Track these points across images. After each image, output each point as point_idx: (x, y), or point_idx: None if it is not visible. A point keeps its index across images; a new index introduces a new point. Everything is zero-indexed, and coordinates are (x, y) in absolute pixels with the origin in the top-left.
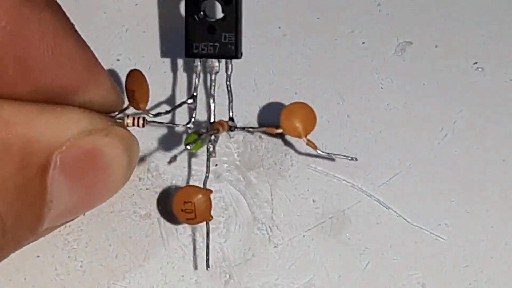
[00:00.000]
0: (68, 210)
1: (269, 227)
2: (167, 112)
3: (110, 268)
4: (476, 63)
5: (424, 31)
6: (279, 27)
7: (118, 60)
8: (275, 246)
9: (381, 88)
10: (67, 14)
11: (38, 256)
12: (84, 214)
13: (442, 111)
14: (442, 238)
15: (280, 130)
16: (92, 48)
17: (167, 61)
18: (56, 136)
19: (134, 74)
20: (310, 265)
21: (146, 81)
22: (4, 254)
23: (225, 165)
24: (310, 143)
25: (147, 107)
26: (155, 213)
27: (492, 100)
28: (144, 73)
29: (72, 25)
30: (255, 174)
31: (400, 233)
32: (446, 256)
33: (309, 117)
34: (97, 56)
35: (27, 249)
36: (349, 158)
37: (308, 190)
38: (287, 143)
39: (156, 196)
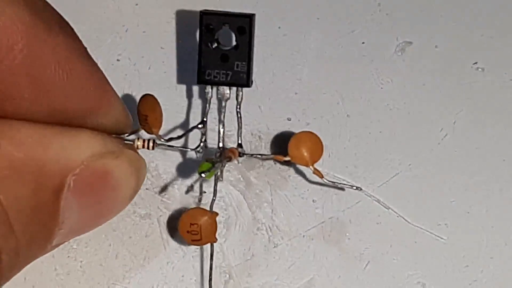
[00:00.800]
0: (76, 229)
1: (269, 227)
2: (178, 138)
3: (110, 268)
4: (476, 63)
5: (424, 31)
6: (279, 27)
7: (118, 60)
8: (275, 246)
9: (381, 88)
10: (67, 14)
11: None
12: None
13: (442, 111)
14: (442, 238)
15: (288, 158)
16: (92, 48)
17: (180, 87)
18: (71, 159)
19: (147, 99)
20: (310, 265)
21: (159, 106)
22: (15, 272)
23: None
24: (316, 172)
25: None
26: (155, 213)
27: (492, 100)
28: (157, 97)
29: (85, 48)
30: (255, 174)
31: (400, 233)
32: (446, 256)
33: (316, 146)
34: (97, 56)
35: None
36: (354, 187)
37: (308, 190)
38: (288, 143)
39: (156, 196)
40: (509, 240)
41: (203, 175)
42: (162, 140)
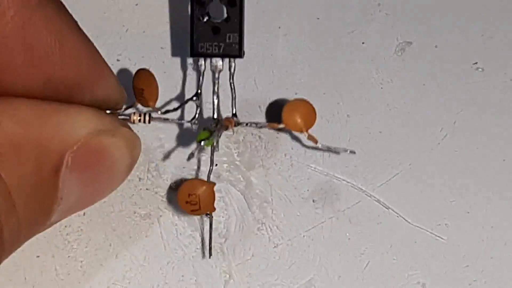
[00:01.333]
0: (74, 206)
1: (269, 227)
2: (175, 110)
3: (110, 268)
4: (476, 63)
5: (424, 31)
6: (279, 27)
7: (118, 60)
8: (275, 246)
9: (381, 88)
10: None
11: (38, 256)
12: (84, 214)
13: (442, 111)
14: (442, 238)
15: (282, 125)
16: None
17: (174, 60)
18: (69, 136)
19: (142, 73)
20: (310, 265)
21: (155, 79)
22: (15, 249)
23: (225, 165)
24: (311, 137)
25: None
26: (155, 213)
27: (492, 100)
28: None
29: (75, 21)
30: (255, 174)
31: (400, 233)
32: (446, 256)
33: (310, 112)
34: None
35: (27, 249)
36: (348, 151)
37: (308, 190)
38: (287, 143)
39: (156, 196)
40: (509, 240)
41: (202, 143)
42: (159, 112)
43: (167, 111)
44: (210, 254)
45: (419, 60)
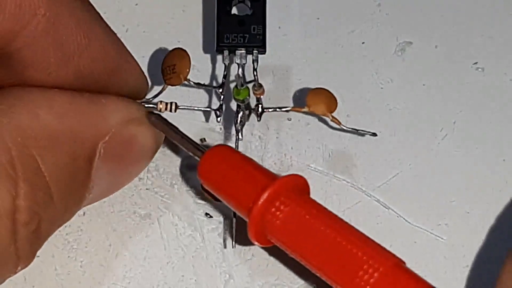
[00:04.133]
0: (102, 193)
1: None
2: (204, 85)
3: (110, 268)
4: (476, 63)
5: (424, 31)
6: (279, 27)
7: None
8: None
9: (381, 88)
10: None
11: (38, 256)
12: (84, 214)
13: (442, 111)
14: (442, 238)
15: (306, 109)
16: None
17: (205, 56)
18: (101, 127)
19: (176, 51)
20: None
21: (188, 54)
22: (47, 237)
23: None
24: (334, 120)
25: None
26: (155, 213)
27: (492, 100)
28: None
29: (99, 14)
30: None
31: (400, 233)
32: (446, 256)
33: (331, 98)
34: None
35: None
36: (370, 133)
37: None
38: (288, 143)
39: (156, 196)
40: (509, 240)
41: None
42: (192, 83)
43: (199, 84)
44: (233, 246)
45: (419, 60)
